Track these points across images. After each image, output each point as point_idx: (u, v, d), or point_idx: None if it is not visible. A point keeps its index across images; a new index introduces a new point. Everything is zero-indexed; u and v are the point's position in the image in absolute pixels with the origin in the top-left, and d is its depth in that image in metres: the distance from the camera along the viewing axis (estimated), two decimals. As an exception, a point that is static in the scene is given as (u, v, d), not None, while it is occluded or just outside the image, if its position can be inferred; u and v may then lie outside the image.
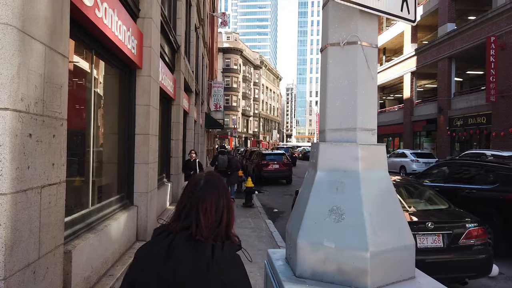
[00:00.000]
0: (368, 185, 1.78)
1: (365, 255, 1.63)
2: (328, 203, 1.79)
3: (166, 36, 9.60)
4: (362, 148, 1.80)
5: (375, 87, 1.92)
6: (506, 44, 19.28)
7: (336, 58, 1.89)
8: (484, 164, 7.60)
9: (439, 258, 4.59)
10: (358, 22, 1.84)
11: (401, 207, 1.86)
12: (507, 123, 19.03)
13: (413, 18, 1.99)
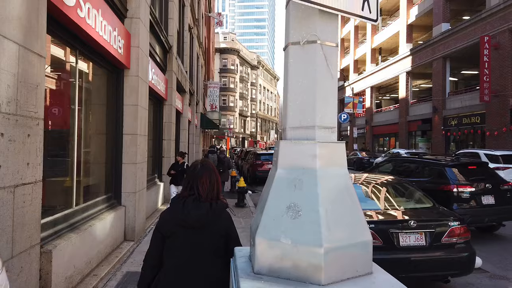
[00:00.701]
0: (326, 182, 1.80)
1: (319, 251, 1.65)
2: (286, 200, 1.80)
3: (157, 36, 9.61)
4: (320, 146, 1.82)
5: (335, 85, 1.94)
6: (499, 44, 19.36)
7: (296, 57, 1.91)
8: (421, 160, 8.89)
9: (422, 256, 4.60)
10: (317, 21, 1.86)
11: (359, 204, 1.88)
12: (500, 123, 19.11)
13: (374, 17, 2.00)
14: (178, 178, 9.23)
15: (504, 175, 13.48)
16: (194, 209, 2.07)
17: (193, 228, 2.08)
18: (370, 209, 5.17)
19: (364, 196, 5.76)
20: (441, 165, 8.09)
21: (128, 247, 6.20)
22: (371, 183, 6.13)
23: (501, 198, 7.64)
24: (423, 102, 28.23)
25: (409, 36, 29.62)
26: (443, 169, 7.91)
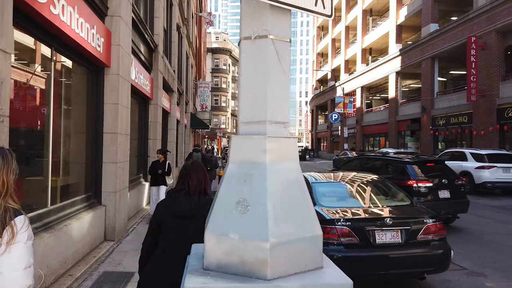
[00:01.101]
0: (275, 177, 1.79)
1: (265, 246, 1.64)
2: (236, 195, 1.80)
3: (141, 35, 9.55)
4: (271, 141, 1.81)
5: (287, 81, 1.93)
6: (486, 44, 19.57)
7: (248, 52, 1.91)
8: (385, 158, 9.64)
9: (398, 253, 4.62)
10: (268, 16, 1.85)
11: (310, 199, 1.87)
12: (487, 122, 19.31)
13: (329, 12, 2.00)
14: (160, 179, 8.75)
15: (490, 174, 13.69)
16: (184, 202, 2.45)
17: (183, 217, 2.45)
18: (347, 206, 5.19)
19: (341, 193, 5.79)
20: (403, 162, 8.77)
21: (108, 247, 6.15)
22: (348, 180, 6.16)
23: (455, 192, 8.29)
24: (412, 102, 28.45)
25: (398, 36, 29.82)
26: (405, 166, 8.54)
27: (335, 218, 4.77)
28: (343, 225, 4.68)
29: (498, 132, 18.85)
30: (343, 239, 4.66)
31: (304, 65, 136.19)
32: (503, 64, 19.15)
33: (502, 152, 15.11)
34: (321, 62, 54.28)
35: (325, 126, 49.09)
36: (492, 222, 9.42)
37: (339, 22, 44.17)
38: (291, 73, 36.09)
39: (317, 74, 54.43)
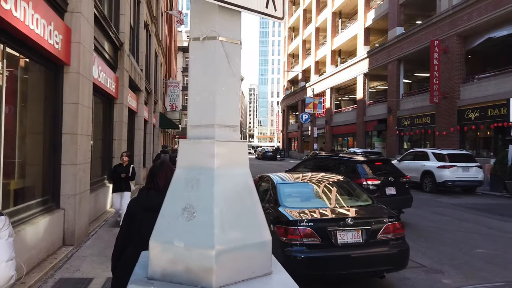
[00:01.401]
0: (223, 182, 1.75)
1: (210, 253, 1.60)
2: (182, 201, 1.75)
3: (105, 32, 9.27)
4: (219, 145, 1.77)
5: (237, 83, 1.90)
6: (448, 48, 20.35)
7: (197, 53, 1.86)
8: (337, 158, 10.30)
9: (358, 253, 4.70)
10: (217, 17, 1.81)
11: (260, 204, 1.84)
12: (448, 123, 20.09)
13: (280, 15, 1.98)
14: (123, 184, 8.07)
15: (450, 173, 14.23)
16: (156, 197, 2.55)
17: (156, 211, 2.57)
18: (311, 207, 5.23)
19: (306, 194, 5.84)
20: (354, 161, 9.38)
21: (66, 252, 5.92)
22: (313, 181, 6.21)
23: (400, 189, 8.94)
24: (379, 103, 29.20)
25: (366, 39, 30.53)
26: (355, 165, 9.12)
27: (298, 219, 4.79)
28: (305, 226, 4.71)
29: (459, 132, 19.65)
30: (306, 239, 4.69)
31: (276, 65, 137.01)
32: (464, 67, 19.98)
33: (462, 152, 15.76)
34: (292, 63, 54.80)
35: (296, 126, 49.59)
36: (452, 220, 9.78)
37: (309, 24, 44.73)
38: (263, 73, 36.55)
39: (288, 75, 54.92)
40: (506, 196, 13.83)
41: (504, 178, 14.16)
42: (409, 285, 5.28)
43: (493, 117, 17.39)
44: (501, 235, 8.06)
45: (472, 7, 18.50)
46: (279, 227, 4.87)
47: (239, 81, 1.91)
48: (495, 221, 9.53)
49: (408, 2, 24.67)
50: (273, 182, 6.06)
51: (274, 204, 5.50)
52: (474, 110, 18.59)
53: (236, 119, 1.88)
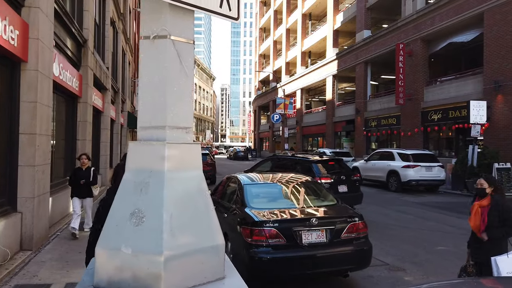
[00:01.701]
0: (174, 185, 1.70)
1: (159, 259, 1.55)
2: (131, 206, 1.68)
3: (67, 28, 8.94)
4: (170, 147, 1.72)
5: (190, 84, 1.85)
6: (412, 51, 21.02)
7: (147, 52, 1.80)
8: (294, 158, 10.84)
9: (323, 252, 4.75)
10: (168, 15, 1.76)
11: (213, 207, 1.80)
12: (413, 124, 20.76)
13: (235, 15, 1.95)
14: (84, 190, 7.38)
15: (414, 172, 14.69)
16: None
17: None
18: (277, 208, 5.24)
19: (273, 194, 5.84)
20: (309, 161, 9.96)
21: (24, 258, 5.65)
22: (280, 182, 6.23)
23: (351, 187, 9.56)
24: (348, 104, 29.79)
25: (335, 41, 31.07)
26: (310, 165, 9.69)
27: (264, 220, 4.79)
28: (270, 226, 4.72)
29: (423, 133, 20.35)
30: (271, 240, 4.69)
31: (248, 65, 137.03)
32: (427, 70, 20.71)
33: (425, 152, 16.32)
34: (264, 63, 55.01)
35: (267, 126, 49.82)
36: (415, 218, 10.10)
37: (280, 25, 45.05)
38: (235, 73, 36.39)
39: (260, 75, 55.08)
40: (466, 195, 14.42)
41: (464, 177, 14.77)
42: (372, 283, 5.39)
43: (454, 118, 18.12)
44: (460, 233, 8.38)
45: (435, 12, 19.21)
46: (244, 228, 4.85)
47: (192, 81, 1.86)
48: (456, 219, 9.91)
49: (375, 6, 25.31)
50: (240, 183, 6.03)
51: (240, 205, 5.48)
52: (437, 111, 19.30)
53: (189, 120, 1.84)
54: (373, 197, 14.06)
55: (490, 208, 4.00)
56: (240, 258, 4.92)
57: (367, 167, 17.41)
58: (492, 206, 4.00)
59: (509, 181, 13.54)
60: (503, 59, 15.41)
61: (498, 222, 3.96)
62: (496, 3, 15.69)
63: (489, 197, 4.06)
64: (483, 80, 16.54)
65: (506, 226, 3.96)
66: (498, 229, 3.95)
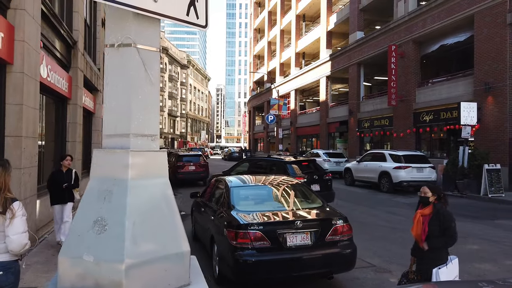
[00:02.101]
0: (138, 193, 1.70)
1: (120, 267, 1.55)
2: (94, 214, 1.68)
3: (56, 30, 8.91)
4: (134, 155, 1.72)
5: (156, 91, 1.86)
6: (404, 53, 21.14)
7: (112, 60, 1.80)
8: (270, 159, 11.75)
9: (307, 255, 4.77)
10: (132, 24, 1.76)
11: (178, 214, 1.81)
12: (405, 125, 20.87)
13: (203, 23, 1.96)
14: (65, 194, 6.63)
15: (405, 173, 14.77)
16: None
17: None
18: (263, 210, 5.26)
19: (259, 197, 5.86)
20: (284, 162, 10.62)
21: (8, 261, 5.61)
22: (267, 184, 6.25)
23: (324, 186, 10.19)
24: (341, 105, 29.88)
25: (328, 42, 31.16)
26: (285, 165, 10.30)
27: (249, 223, 4.81)
28: (255, 229, 4.73)
29: (415, 134, 20.46)
30: (256, 243, 4.71)
31: (243, 66, 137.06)
32: (419, 72, 20.82)
33: (416, 153, 16.42)
34: (258, 64, 55.03)
35: (262, 127, 49.83)
36: (405, 219, 10.14)
37: (274, 26, 45.11)
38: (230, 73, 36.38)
39: (254, 76, 55.10)
40: (457, 196, 14.52)
41: (455, 178, 14.88)
42: (357, 285, 5.41)
43: (445, 119, 18.23)
44: (447, 233, 8.45)
45: (426, 14, 19.33)
46: (229, 231, 4.86)
47: (158, 89, 1.87)
48: (444, 220, 9.96)
49: (367, 8, 25.41)
50: (227, 185, 6.05)
51: (227, 207, 5.49)
52: (429, 113, 19.42)
53: (155, 128, 1.85)
54: (364, 198, 14.14)
55: (432, 217, 3.89)
56: (226, 261, 4.93)
57: (359, 168, 17.48)
58: (434, 215, 3.89)
59: (499, 182, 13.65)
60: (493, 61, 15.54)
61: (439, 231, 3.84)
62: (486, 6, 15.82)
63: (431, 205, 3.95)
64: (474, 81, 16.67)
65: (446, 236, 3.84)
66: (438, 238, 3.85)
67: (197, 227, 7.31)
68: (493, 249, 7.20)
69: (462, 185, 14.57)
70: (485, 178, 13.63)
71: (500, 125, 15.14)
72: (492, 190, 13.49)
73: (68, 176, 6.76)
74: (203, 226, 6.53)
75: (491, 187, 13.52)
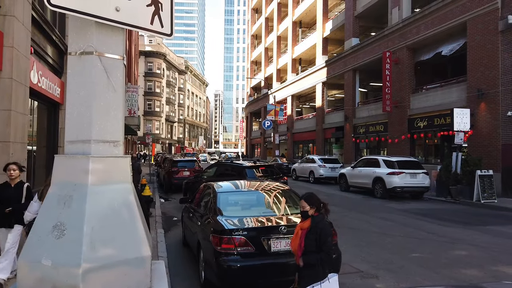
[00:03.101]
0: (98, 199, 1.73)
1: (77, 272, 1.57)
2: (53, 219, 1.70)
3: (48, 36, 8.96)
4: (95, 161, 1.75)
5: (119, 98, 1.89)
6: (399, 59, 21.27)
7: (74, 67, 1.84)
8: (231, 164, 13.23)
9: (291, 260, 4.76)
10: (94, 32, 1.80)
11: (140, 219, 1.83)
12: (400, 131, 20.95)
13: (168, 31, 2.00)
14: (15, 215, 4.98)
15: (399, 179, 14.79)
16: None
17: None
18: (249, 216, 5.28)
19: (246, 202, 5.88)
20: (243, 167, 11.91)
21: None
22: (254, 189, 6.27)
23: None
24: (337, 111, 29.98)
25: (324, 48, 31.33)
26: (244, 170, 11.62)
27: (233, 228, 4.82)
28: (240, 234, 4.75)
29: (409, 140, 20.53)
30: (240, 248, 4.72)
31: (241, 72, 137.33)
32: (413, 78, 20.95)
33: (410, 159, 16.46)
34: (255, 70, 55.21)
35: (259, 132, 49.88)
36: (396, 225, 10.16)
37: (271, 32, 45.34)
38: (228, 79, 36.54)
39: (252, 82, 55.27)
40: (450, 201, 14.55)
41: (449, 184, 14.92)
42: (343, 291, 5.42)
43: (439, 125, 18.32)
44: (437, 239, 8.47)
45: (420, 21, 19.49)
46: (214, 237, 4.87)
47: (121, 96, 1.90)
48: (435, 226, 9.99)
49: (363, 14, 25.60)
50: (214, 191, 6.06)
51: (213, 213, 5.50)
52: (423, 119, 19.51)
53: (117, 134, 1.88)
54: (357, 204, 14.15)
55: (309, 230, 3.58)
56: (211, 266, 4.93)
57: (353, 173, 17.51)
58: (312, 228, 3.58)
59: (491, 188, 13.69)
60: (485, 68, 15.66)
61: (315, 246, 3.53)
62: (479, 13, 15.97)
63: (309, 219, 3.66)
64: (467, 88, 16.77)
65: (323, 252, 3.52)
66: (314, 254, 3.53)
67: (186, 232, 7.32)
68: (481, 254, 7.22)
69: (455, 191, 14.60)
70: (478, 184, 13.68)
71: (493, 131, 15.22)
72: (484, 196, 13.54)
73: (16, 192, 5.08)
74: (191, 232, 6.54)
75: (484, 193, 13.57)
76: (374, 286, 5.63)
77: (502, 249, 7.58)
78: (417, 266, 6.56)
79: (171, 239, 8.59)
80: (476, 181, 13.72)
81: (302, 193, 4.13)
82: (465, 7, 16.67)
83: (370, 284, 5.72)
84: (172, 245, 7.96)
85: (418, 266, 6.56)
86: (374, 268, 6.44)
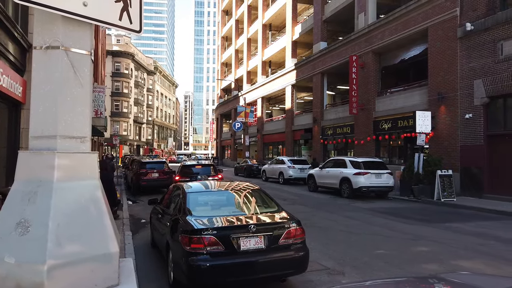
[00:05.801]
0: (64, 195, 1.71)
1: (41, 268, 1.55)
2: (17, 216, 1.67)
3: (10, 33, 8.62)
4: (61, 157, 1.73)
5: (87, 93, 1.88)
6: (365, 63, 21.92)
7: (39, 62, 1.82)
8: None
9: (260, 259, 4.84)
10: (60, 26, 1.78)
11: (108, 216, 1.83)
12: (366, 133, 21.57)
13: (137, 28, 2.01)
14: None
15: (365, 179, 15.22)
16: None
17: None
18: (218, 215, 5.30)
19: (215, 202, 5.90)
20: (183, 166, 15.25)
21: None
22: (224, 189, 6.30)
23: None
24: (306, 113, 30.47)
25: (294, 51, 31.77)
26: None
27: (203, 228, 4.82)
28: (209, 234, 4.76)
29: (375, 141, 21.18)
30: (209, 248, 4.73)
31: (211, 73, 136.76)
32: (379, 82, 21.65)
33: (375, 159, 16.99)
34: (226, 72, 55.16)
35: (229, 134, 49.84)
36: (362, 223, 10.46)
37: (241, 34, 45.48)
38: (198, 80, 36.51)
39: (222, 83, 55.15)
40: (412, 200, 15.14)
41: (411, 183, 15.52)
42: (310, 287, 5.54)
43: (403, 127, 19.02)
44: (401, 236, 8.80)
45: (385, 26, 20.19)
46: (183, 237, 4.86)
47: (88, 91, 1.89)
48: (399, 224, 10.37)
49: (330, 19, 26.19)
50: (184, 191, 6.04)
51: (182, 213, 5.48)
52: (387, 121, 20.19)
53: (85, 130, 1.87)
54: (325, 204, 14.44)
55: None
56: (180, 266, 4.91)
57: (321, 174, 17.85)
58: None
59: (451, 187, 14.37)
60: (445, 72, 16.42)
61: None
62: (438, 20, 16.74)
63: None
64: (428, 91, 17.52)
65: None
66: None
67: (155, 234, 7.23)
68: (440, 250, 7.57)
69: (417, 190, 15.21)
70: (438, 183, 14.32)
71: (452, 132, 15.97)
72: (444, 195, 14.19)
73: None
74: (160, 233, 6.47)
75: (444, 192, 14.22)
76: (340, 282, 5.78)
77: (460, 245, 7.98)
78: (382, 262, 6.80)
79: (139, 241, 8.45)
80: (437, 181, 14.35)
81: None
82: (427, 14, 17.42)
83: (337, 280, 5.88)
84: (140, 247, 7.84)
85: (383, 262, 6.80)
86: (340, 265, 6.61)
